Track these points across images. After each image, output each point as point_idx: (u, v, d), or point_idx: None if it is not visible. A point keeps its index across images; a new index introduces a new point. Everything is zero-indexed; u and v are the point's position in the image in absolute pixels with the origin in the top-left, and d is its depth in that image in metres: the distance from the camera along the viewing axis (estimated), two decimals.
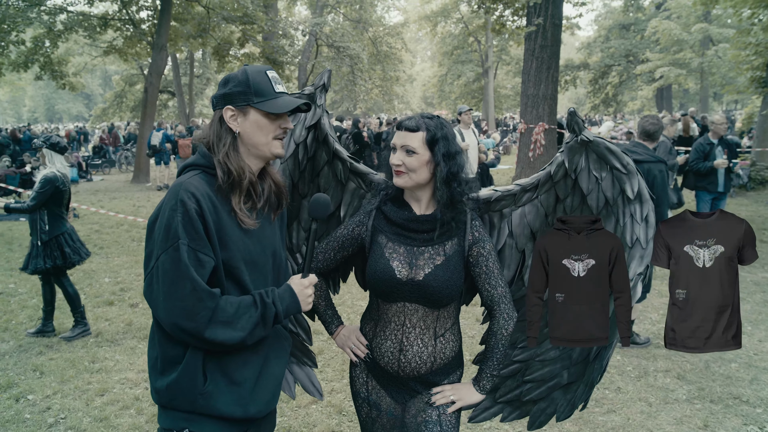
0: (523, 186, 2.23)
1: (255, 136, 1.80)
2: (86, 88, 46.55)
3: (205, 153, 1.81)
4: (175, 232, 1.63)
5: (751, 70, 13.97)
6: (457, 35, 37.72)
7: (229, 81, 1.80)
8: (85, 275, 7.65)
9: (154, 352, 1.78)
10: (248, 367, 1.80)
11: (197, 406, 1.72)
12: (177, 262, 1.61)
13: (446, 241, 2.07)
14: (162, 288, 1.63)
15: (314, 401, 4.20)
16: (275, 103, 1.80)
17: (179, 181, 1.72)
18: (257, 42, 20.94)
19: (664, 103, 35.67)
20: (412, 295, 2.05)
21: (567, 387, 2.31)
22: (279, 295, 1.80)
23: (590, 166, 2.14)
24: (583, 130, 2.09)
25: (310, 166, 2.51)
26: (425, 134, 1.99)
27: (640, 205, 2.10)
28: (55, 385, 4.50)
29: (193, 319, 1.62)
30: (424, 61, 62.93)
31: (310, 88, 2.41)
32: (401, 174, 2.02)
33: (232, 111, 1.78)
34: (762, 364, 4.77)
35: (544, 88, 12.97)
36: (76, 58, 29.24)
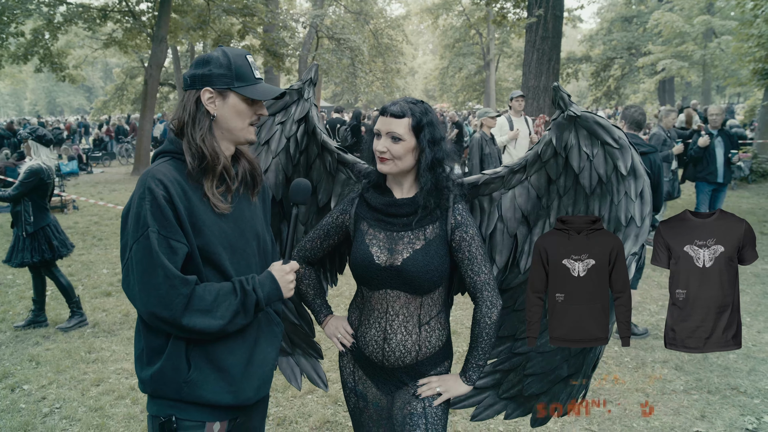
0: (511, 168, 2.18)
1: (232, 121, 1.76)
2: (87, 80, 46.51)
3: (174, 139, 1.78)
4: (145, 220, 1.60)
5: (753, 62, 13.87)
6: (458, 28, 37.63)
7: (209, 61, 1.74)
8: (84, 266, 7.65)
9: (139, 343, 1.76)
10: (235, 354, 1.77)
11: (183, 394, 1.70)
12: (148, 250, 1.59)
13: (427, 225, 2.03)
14: (137, 278, 1.61)
15: (309, 391, 4.19)
16: (256, 89, 1.77)
17: (147, 170, 1.70)
18: (258, 34, 20.86)
19: (666, 95, 35.52)
20: (392, 282, 2.02)
21: (567, 380, 2.28)
22: (260, 281, 1.77)
23: (580, 142, 2.08)
24: (570, 105, 2.02)
25: (303, 160, 2.51)
26: (411, 120, 1.94)
27: (634, 181, 2.02)
28: (51, 375, 4.49)
29: (169, 307, 1.60)
30: (425, 54, 62.77)
31: (298, 83, 2.41)
32: (386, 161, 1.97)
33: (210, 93, 1.73)
34: (760, 355, 4.75)
35: (545, 80, 12.89)
36: (76, 50, 29.16)
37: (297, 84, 2.42)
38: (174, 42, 21.46)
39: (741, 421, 3.77)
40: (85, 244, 8.88)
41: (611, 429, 3.70)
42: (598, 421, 3.79)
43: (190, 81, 1.76)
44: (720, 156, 7.78)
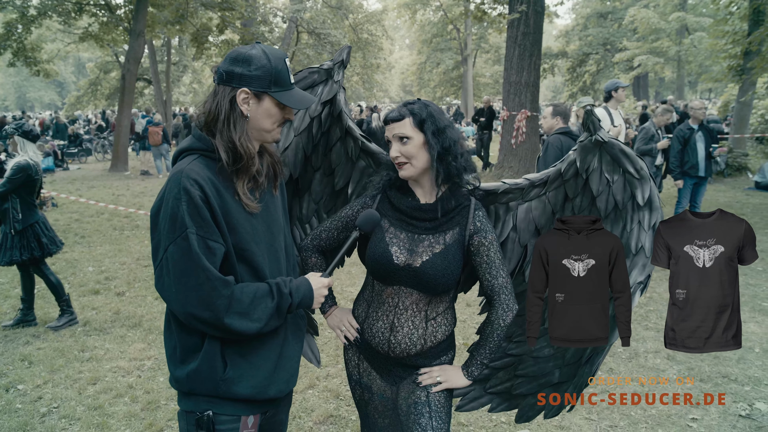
0: (532, 181, 2.21)
1: (262, 123, 1.76)
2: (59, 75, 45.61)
3: (201, 136, 1.75)
4: (182, 221, 1.59)
5: (728, 58, 14.17)
6: (436, 23, 37.67)
7: (251, 62, 1.71)
8: (68, 264, 7.53)
9: (171, 341, 1.77)
10: (268, 350, 1.79)
11: (220, 391, 1.72)
12: (187, 251, 1.59)
13: (448, 230, 2.07)
14: (173, 279, 1.61)
15: (311, 386, 4.20)
16: (293, 97, 1.78)
17: (179, 168, 1.67)
18: (236, 28, 20.65)
19: (641, 91, 36.07)
20: (408, 281, 2.06)
21: (557, 386, 2.34)
22: (296, 286, 1.79)
23: (603, 167, 2.12)
24: (599, 130, 2.05)
25: (324, 141, 2.49)
26: (412, 118, 2.00)
27: (649, 213, 2.09)
28: (45, 375, 4.43)
29: (210, 308, 1.61)
30: (402, 49, 62.76)
31: (329, 63, 2.37)
32: (403, 165, 2.03)
33: (246, 94, 1.71)
34: (747, 344, 4.88)
35: (527, 76, 13.03)
36: (49, 44, 28.55)
37: (327, 64, 2.38)
38: (151, 36, 21.13)
39: (734, 408, 3.88)
40: (68, 242, 8.73)
41: (610, 418, 3.78)
42: (597, 410, 3.87)
43: (227, 77, 1.72)
44: (701, 150, 7.93)
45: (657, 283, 6.52)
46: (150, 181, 15.52)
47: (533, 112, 13.09)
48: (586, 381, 2.27)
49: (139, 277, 7.02)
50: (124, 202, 11.98)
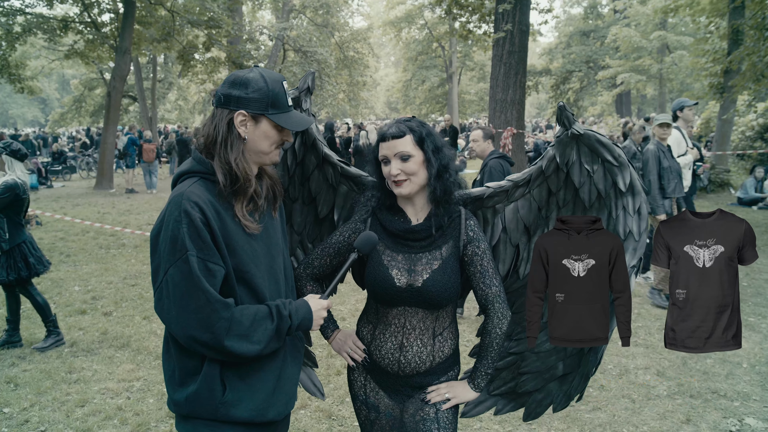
0: (515, 181, 2.25)
1: (260, 145, 1.77)
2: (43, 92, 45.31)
3: (201, 158, 1.76)
4: (183, 244, 1.60)
5: (709, 76, 14.43)
6: (421, 41, 38.00)
7: (248, 84, 1.73)
8: (54, 284, 7.44)
9: (170, 364, 1.76)
10: (267, 372, 1.79)
11: (219, 415, 1.71)
12: (188, 274, 1.59)
13: (443, 245, 2.09)
14: (174, 302, 1.61)
15: (303, 406, 4.17)
16: (290, 118, 1.79)
17: (179, 191, 1.68)
18: (223, 46, 20.70)
19: (624, 108, 36.56)
20: (412, 300, 2.07)
21: (563, 378, 2.35)
22: (296, 308, 1.79)
23: (581, 159, 2.17)
24: (573, 124, 2.11)
25: (300, 171, 2.49)
26: (413, 136, 2.01)
27: (632, 198, 2.13)
28: (32, 397, 4.36)
29: (210, 331, 1.61)
30: (387, 66, 63.19)
31: (294, 92, 2.34)
32: (403, 183, 2.02)
33: (244, 116, 1.73)
34: (735, 359, 4.93)
35: (512, 93, 13.15)
36: (33, 61, 28.42)
37: (293, 92, 2.33)
38: (137, 54, 21.12)
39: (724, 424, 3.91)
40: (53, 261, 8.61)
41: None
42: (589, 427, 3.87)
43: (224, 100, 1.74)
44: None
45: (644, 299, 6.57)
46: (136, 199, 15.41)
47: (519, 129, 13.21)
48: (592, 369, 2.28)
49: (127, 296, 6.95)
50: (110, 221, 11.88)
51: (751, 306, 6.30)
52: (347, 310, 6.22)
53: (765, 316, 5.98)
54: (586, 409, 4.11)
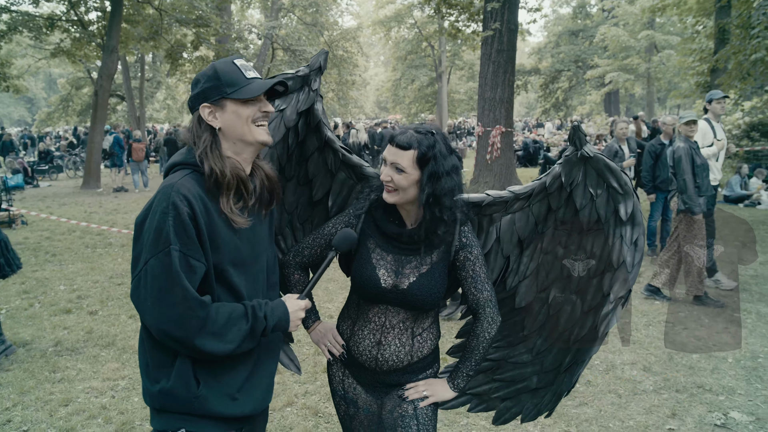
0: (517, 194, 2.21)
1: (236, 127, 1.74)
2: (29, 91, 44.92)
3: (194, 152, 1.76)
4: (167, 236, 1.58)
5: (696, 75, 14.54)
6: (410, 40, 38.01)
7: (199, 80, 1.76)
8: (39, 283, 7.37)
9: (144, 356, 1.74)
10: (238, 369, 1.78)
11: (193, 409, 1.69)
12: (168, 268, 1.57)
13: (434, 250, 2.07)
14: (150, 293, 1.59)
15: (289, 403, 4.15)
16: (248, 89, 1.74)
17: (170, 182, 1.66)
18: (211, 45, 20.61)
19: (612, 107, 36.79)
20: (395, 301, 2.06)
21: (535, 391, 2.35)
22: (272, 309, 1.77)
23: (587, 181, 2.13)
24: (585, 145, 2.06)
25: (299, 151, 2.41)
26: (416, 153, 1.92)
27: (631, 228, 2.09)
28: (15, 397, 4.31)
29: (183, 328, 1.59)
30: (377, 66, 63.18)
31: (304, 69, 2.26)
32: (390, 191, 1.99)
33: (208, 107, 1.73)
34: (721, 354, 4.96)
35: (501, 92, 13.17)
36: (19, 60, 28.16)
37: (303, 70, 2.25)
38: (125, 52, 20.99)
39: (709, 418, 3.93)
40: (38, 260, 8.56)
41: (589, 430, 3.79)
42: (576, 422, 3.88)
43: (191, 104, 1.77)
44: None
45: (632, 296, 6.58)
46: (123, 198, 15.30)
47: (508, 128, 13.24)
48: (565, 390, 2.28)
49: (113, 295, 6.89)
50: (97, 220, 11.79)
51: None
52: (335, 307, 6.20)
53: (750, 312, 6.02)
54: (573, 404, 4.12)
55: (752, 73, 10.74)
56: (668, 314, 5.99)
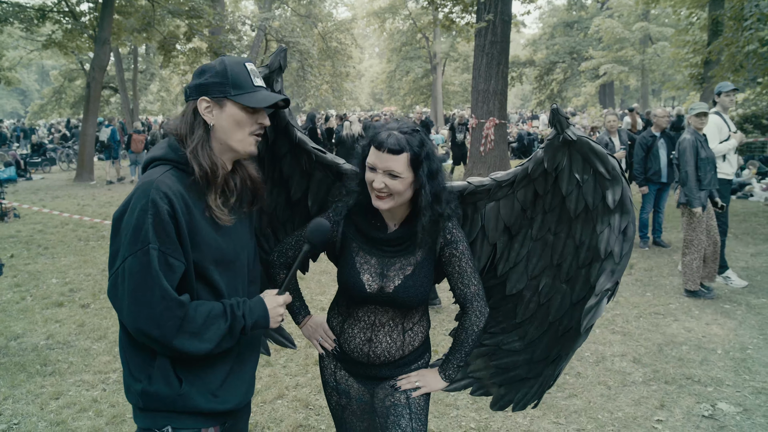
0: (499, 181, 2.15)
1: (231, 131, 1.71)
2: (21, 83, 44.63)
3: (176, 146, 1.71)
4: (146, 235, 1.55)
5: (689, 67, 14.54)
6: (405, 32, 37.91)
7: (205, 71, 1.71)
8: (31, 276, 7.35)
9: (124, 355, 1.73)
10: (219, 366, 1.77)
11: (177, 406, 1.69)
12: (146, 267, 1.55)
13: (419, 249, 2.06)
14: (128, 292, 1.57)
15: (279, 396, 4.16)
16: (254, 97, 1.71)
17: (149, 179, 1.62)
18: (204, 36, 20.49)
19: (607, 99, 36.78)
20: (382, 302, 2.06)
21: (524, 381, 2.34)
22: (250, 308, 1.75)
23: (572, 166, 2.03)
24: (567, 128, 1.96)
25: (269, 155, 2.37)
26: (409, 155, 1.87)
27: (620, 216, 1.97)
28: (5, 390, 4.30)
29: (160, 327, 1.57)
30: (372, 58, 62.97)
31: (263, 69, 2.17)
32: (385, 198, 1.92)
33: (207, 102, 1.69)
34: (710, 345, 4.99)
35: (495, 84, 13.17)
36: (10, 51, 27.96)
37: (262, 70, 2.16)
38: (117, 44, 20.85)
39: (697, 409, 3.96)
40: (30, 254, 8.54)
41: (578, 422, 3.82)
42: (565, 414, 3.91)
43: (189, 92, 1.73)
44: (663, 157, 8.12)
45: (623, 288, 6.63)
46: (117, 191, 15.25)
47: (501, 120, 13.24)
48: (550, 383, 2.28)
49: (105, 288, 6.86)
50: (90, 213, 11.75)
51: (726, 293, 6.39)
52: (327, 300, 6.21)
53: (740, 303, 6.05)
54: (562, 396, 4.15)
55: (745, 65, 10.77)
56: (659, 306, 6.02)
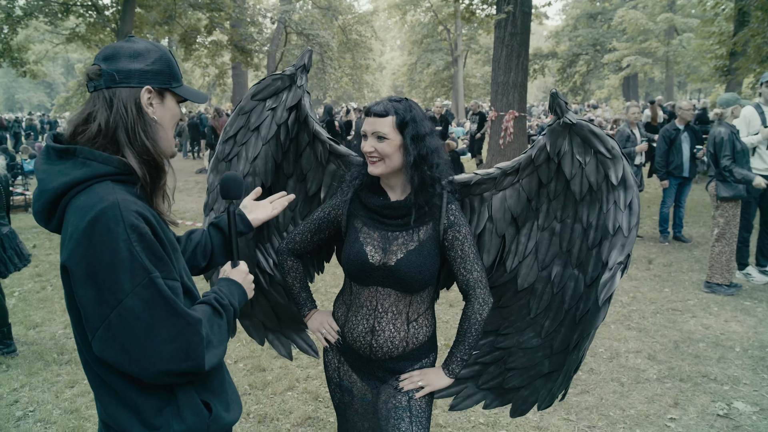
0: (504, 170, 2.19)
1: (168, 128, 1.53)
2: (48, 76, 45.34)
3: (105, 156, 1.40)
4: (140, 265, 1.30)
5: (714, 59, 14.25)
6: (426, 24, 37.70)
7: (141, 55, 1.45)
8: (52, 267, 7.48)
9: (122, 410, 1.43)
10: (223, 377, 1.68)
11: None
12: (154, 300, 1.31)
13: (421, 227, 2.06)
14: (137, 338, 1.31)
15: (290, 387, 4.18)
16: (190, 91, 1.58)
17: (107, 203, 1.31)
18: (225, 29, 20.61)
19: (631, 91, 36.24)
20: (384, 280, 2.05)
21: (548, 376, 2.30)
22: (229, 292, 1.64)
23: (573, 149, 2.09)
24: (566, 113, 2.04)
25: (294, 147, 2.49)
26: (395, 118, 1.96)
27: (624, 192, 2.04)
28: (23, 378, 4.39)
29: (191, 356, 1.37)
30: (393, 50, 62.76)
31: (291, 69, 2.36)
32: (375, 162, 1.99)
33: (150, 93, 1.46)
34: (728, 343, 4.90)
35: (514, 76, 13.02)
36: (36, 45, 28.40)
37: (290, 69, 2.37)
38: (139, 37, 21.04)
39: (712, 408, 3.89)
40: (52, 244, 8.68)
41: (589, 418, 3.78)
42: (576, 410, 3.86)
43: (121, 76, 1.43)
44: (686, 151, 7.97)
45: (641, 283, 6.54)
46: None
47: (521, 112, 13.10)
48: (575, 368, 2.25)
49: None
50: None
51: (747, 290, 6.26)
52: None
53: (761, 300, 5.94)
54: (574, 392, 4.10)
55: None
56: (677, 302, 5.92)
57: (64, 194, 1.36)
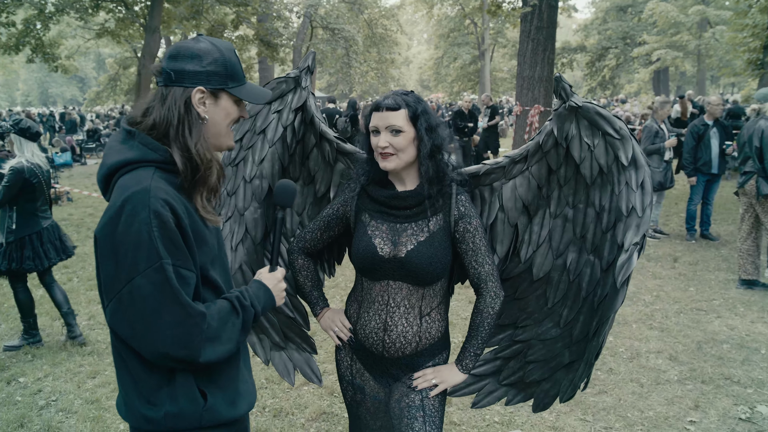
0: (512, 158, 2.18)
1: (220, 126, 1.60)
2: (80, 71, 46.20)
3: (156, 144, 1.52)
4: (155, 250, 1.38)
5: (747, 52, 13.89)
6: (453, 17, 37.49)
7: (200, 56, 1.54)
8: (78, 258, 7.61)
9: (131, 379, 1.55)
10: (232, 372, 1.69)
11: (203, 422, 1.59)
12: (162, 285, 1.39)
13: (431, 218, 2.04)
14: (141, 316, 1.40)
15: (305, 383, 4.20)
16: (250, 91, 1.63)
17: (140, 186, 1.42)
18: (251, 24, 20.74)
19: (661, 85, 35.56)
20: (395, 273, 2.03)
21: (569, 366, 2.27)
22: (254, 294, 1.67)
23: (581, 133, 2.08)
24: (571, 96, 2.03)
25: (300, 149, 2.49)
26: (407, 111, 1.95)
27: (635, 172, 2.01)
28: (47, 368, 4.49)
29: (186, 347, 1.44)
30: (420, 44, 62.56)
31: (295, 71, 2.40)
32: (389, 157, 1.97)
33: (202, 93, 1.54)
34: (753, 345, 4.79)
35: (540, 70, 12.87)
36: (68, 40, 28.94)
37: (294, 72, 2.40)
38: (167, 32, 21.29)
39: (734, 411, 3.80)
40: (80, 236, 8.85)
41: (606, 419, 3.73)
42: (593, 411, 3.82)
43: (177, 76, 1.53)
44: (715, 147, 7.79)
45: (665, 282, 6.42)
46: None
47: (547, 107, 12.95)
48: (595, 355, 2.22)
49: None
50: None
51: None
52: None
53: None
54: (592, 392, 4.05)
55: None
56: (701, 302, 5.81)
57: (116, 171, 1.50)
